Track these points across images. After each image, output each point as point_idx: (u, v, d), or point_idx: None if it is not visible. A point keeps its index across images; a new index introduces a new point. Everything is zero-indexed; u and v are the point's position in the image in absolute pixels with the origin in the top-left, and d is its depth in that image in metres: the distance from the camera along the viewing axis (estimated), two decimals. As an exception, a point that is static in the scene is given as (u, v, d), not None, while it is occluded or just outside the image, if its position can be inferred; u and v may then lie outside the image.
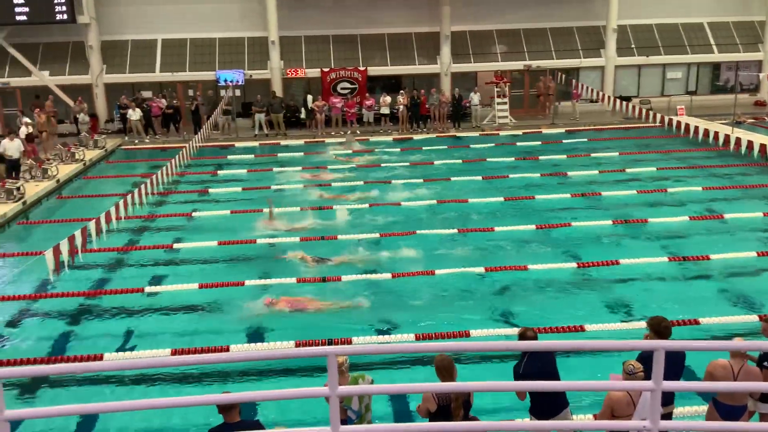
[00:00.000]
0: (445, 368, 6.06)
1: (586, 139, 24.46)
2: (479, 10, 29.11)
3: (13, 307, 11.51)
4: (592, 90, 27.54)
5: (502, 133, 26.19)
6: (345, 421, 5.89)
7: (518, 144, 24.17)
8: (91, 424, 8.09)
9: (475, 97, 27.28)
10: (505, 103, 27.80)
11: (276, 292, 11.59)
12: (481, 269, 12.45)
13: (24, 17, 26.34)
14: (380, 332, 10.33)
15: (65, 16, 26.47)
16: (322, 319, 10.73)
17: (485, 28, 29.58)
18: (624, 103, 26.09)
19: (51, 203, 18.36)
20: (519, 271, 12.31)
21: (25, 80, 27.49)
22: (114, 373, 9.16)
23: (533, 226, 14.82)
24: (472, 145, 24.27)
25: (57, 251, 11.29)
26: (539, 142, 24.22)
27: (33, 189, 18.41)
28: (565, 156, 21.85)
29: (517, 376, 6.38)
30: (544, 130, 26.17)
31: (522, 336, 6.48)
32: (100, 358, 9.44)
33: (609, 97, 27.30)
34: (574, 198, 17.09)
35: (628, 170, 19.66)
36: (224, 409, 5.45)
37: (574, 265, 12.61)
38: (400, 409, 8.21)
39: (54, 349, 10.12)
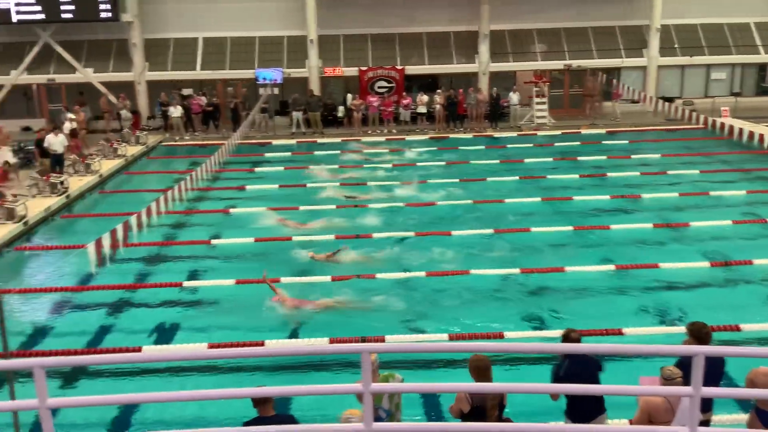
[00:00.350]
0: (481, 369, 6.00)
1: (626, 141, 24.05)
2: (519, 9, 28.83)
3: (56, 299, 11.80)
4: (633, 90, 27.07)
5: (540, 133, 25.93)
6: (375, 419, 5.89)
7: (557, 144, 23.89)
8: (128, 414, 8.26)
9: (514, 97, 27.05)
10: (543, 102, 27.50)
11: (311, 290, 11.67)
12: (516, 270, 12.34)
13: (69, 15, 26.98)
14: (413, 331, 10.32)
15: (109, 14, 27.03)
16: (356, 317, 10.77)
17: (525, 27, 29.29)
18: (666, 104, 25.57)
19: (94, 197, 18.78)
20: (555, 273, 12.17)
21: (69, 77, 28.16)
22: (151, 366, 9.33)
23: (571, 228, 14.64)
24: (509, 145, 24.08)
25: (99, 244, 11.53)
26: (578, 143, 23.90)
27: (76, 183, 18.85)
28: (604, 157, 21.52)
29: (557, 378, 6.29)
30: (584, 131, 25.81)
31: (566, 338, 6.39)
32: (139, 350, 9.62)
33: (651, 97, 26.80)
34: (613, 200, 16.83)
35: (669, 172, 19.27)
36: (258, 402, 5.50)
37: (612, 267, 12.42)
38: (432, 409, 8.20)
39: (94, 340, 10.36)
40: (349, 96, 27.35)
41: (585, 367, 6.24)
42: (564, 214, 15.81)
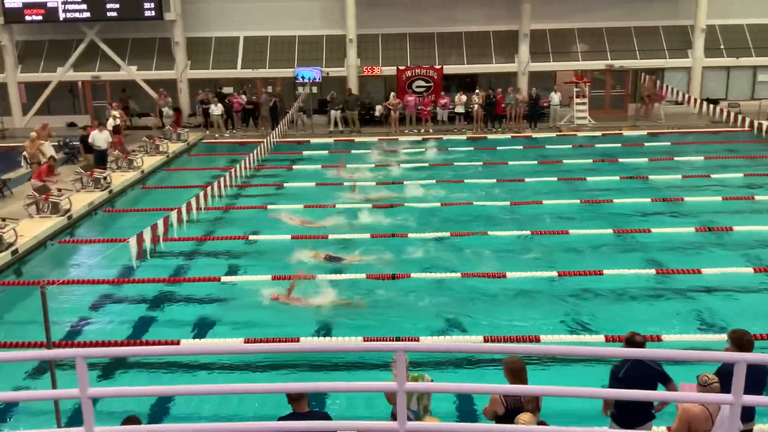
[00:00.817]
0: (516, 371, 5.95)
1: (669, 143, 23.58)
2: (561, 8, 28.50)
3: (97, 291, 12.07)
4: (677, 92, 26.53)
5: (580, 134, 25.58)
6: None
7: (597, 146, 23.54)
8: (164, 407, 8.40)
9: (555, 97, 26.73)
10: (584, 103, 27.13)
11: (344, 287, 11.72)
12: (554, 273, 12.21)
13: (114, 14, 27.57)
14: (448, 332, 10.29)
15: (153, 13, 27.56)
16: (390, 317, 10.78)
17: (566, 26, 28.92)
18: (711, 105, 24.99)
19: (135, 193, 19.15)
20: (593, 276, 11.99)
21: (113, 74, 28.78)
22: (188, 360, 9.46)
23: (610, 231, 14.42)
24: (548, 146, 23.82)
25: (140, 239, 11.74)
26: (619, 145, 23.51)
27: (119, 178, 19.25)
28: (646, 159, 21.15)
29: (615, 379, 6.22)
30: (625, 132, 25.38)
31: (629, 341, 6.32)
32: (177, 343, 9.77)
33: (695, 99, 26.23)
34: (654, 203, 16.53)
35: (713, 176, 18.82)
36: (293, 399, 5.54)
37: (652, 272, 12.18)
38: (466, 410, 8.16)
39: (133, 332, 10.55)
40: (393, 95, 27.28)
41: (644, 372, 6.14)
42: (603, 217, 15.57)
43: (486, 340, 9.69)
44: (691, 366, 7.61)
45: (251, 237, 14.66)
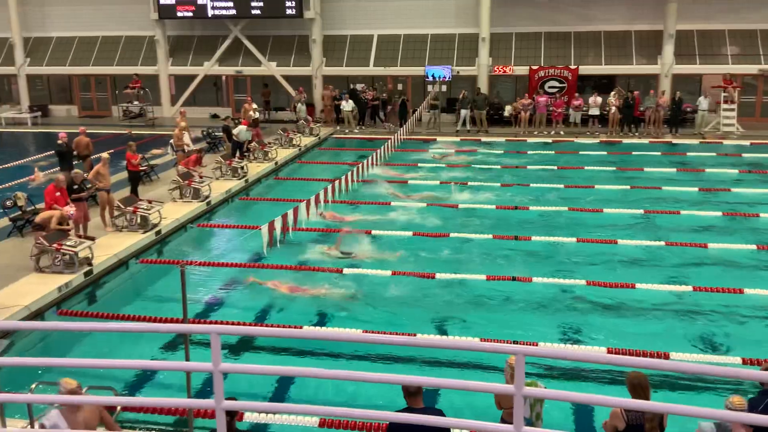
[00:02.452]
0: (641, 386, 5.70)
1: (828, 155, 21.56)
2: (710, 8, 26.72)
3: (229, 274, 12.72)
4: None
5: (726, 142, 23.91)
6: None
7: (744, 155, 21.92)
8: (285, 388, 8.73)
9: (704, 102, 25.07)
10: (732, 109, 25.32)
11: (458, 289, 11.65)
12: (688, 288, 11.51)
13: (258, 11, 28.96)
14: (571, 340, 9.98)
15: (294, 11, 28.68)
16: (511, 318, 10.61)
17: (715, 27, 27.10)
18: None
19: (269, 183, 20.01)
20: (733, 294, 11.18)
21: (254, 69, 30.24)
22: (308, 347, 9.75)
23: (754, 246, 13.39)
24: (689, 153, 22.47)
25: (271, 227, 12.25)
26: (769, 155, 21.79)
27: (255, 169, 20.22)
28: (800, 171, 19.46)
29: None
30: (777, 142, 23.47)
31: None
32: (299, 329, 10.11)
33: None
34: (808, 219, 15.18)
35: None
36: (411, 393, 5.56)
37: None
38: (584, 423, 7.87)
39: (260, 315, 11.06)
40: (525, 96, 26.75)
41: None
42: (748, 231, 14.48)
43: (609, 353, 9.29)
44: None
45: (374, 232, 14.87)
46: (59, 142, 17.06)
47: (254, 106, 25.47)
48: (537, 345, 9.48)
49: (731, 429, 5.71)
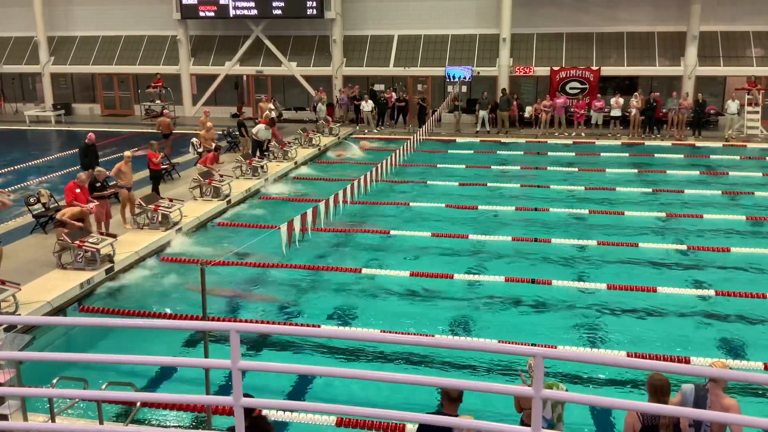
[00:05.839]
0: (660, 388, 5.65)
1: None
2: (735, 9, 26.38)
3: (248, 273, 12.78)
4: None
5: (750, 145, 23.60)
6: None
7: (769, 158, 21.65)
8: (304, 387, 8.75)
9: (732, 105, 24.71)
10: (756, 112, 24.97)
11: (478, 290, 11.59)
12: (710, 292, 11.36)
13: (279, 11, 29.08)
14: (590, 343, 9.89)
15: (315, 11, 28.76)
16: (527, 321, 10.54)
17: (740, 28, 26.74)
18: None
19: (288, 182, 20.06)
20: (757, 299, 11.02)
21: (275, 69, 30.37)
22: (327, 346, 9.77)
23: (778, 251, 13.19)
24: (713, 156, 22.20)
25: (290, 226, 12.27)
26: (795, 158, 21.47)
27: (274, 168, 20.28)
28: (826, 175, 19.14)
29: None
30: (803, 145, 23.12)
31: None
32: (317, 327, 10.12)
33: None
34: (833, 224, 14.93)
35: None
36: (451, 400, 5.49)
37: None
38: (601, 422, 7.81)
39: (279, 314, 11.09)
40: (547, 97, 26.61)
41: None
42: (772, 236, 14.28)
43: (629, 356, 9.20)
44: None
45: (392, 232, 14.86)
46: (87, 141, 17.02)
47: (270, 105, 25.53)
48: (556, 348, 9.43)
49: (708, 389, 5.76)
